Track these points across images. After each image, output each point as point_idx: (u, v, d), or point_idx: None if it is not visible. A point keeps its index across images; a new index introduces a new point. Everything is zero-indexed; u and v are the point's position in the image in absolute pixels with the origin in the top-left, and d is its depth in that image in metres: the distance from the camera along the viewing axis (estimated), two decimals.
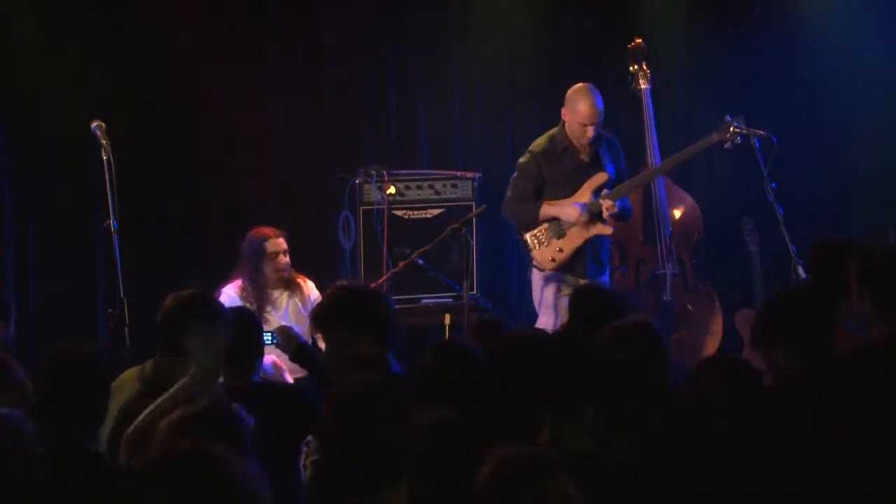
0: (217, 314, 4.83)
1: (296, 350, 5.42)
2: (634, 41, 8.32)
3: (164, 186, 8.42)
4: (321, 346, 5.48)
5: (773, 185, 7.40)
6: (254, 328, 5.17)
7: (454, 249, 7.96)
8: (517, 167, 7.62)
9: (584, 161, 7.53)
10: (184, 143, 8.52)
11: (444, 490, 3.45)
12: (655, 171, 8.03)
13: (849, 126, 9.20)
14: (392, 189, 8.11)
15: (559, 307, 7.45)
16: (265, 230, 7.43)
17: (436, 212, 8.20)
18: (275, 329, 5.63)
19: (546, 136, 7.59)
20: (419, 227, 8.06)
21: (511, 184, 7.62)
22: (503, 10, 9.13)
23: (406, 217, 8.17)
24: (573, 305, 5.37)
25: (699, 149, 7.79)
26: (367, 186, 8.11)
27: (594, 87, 7.46)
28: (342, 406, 3.64)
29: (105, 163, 6.56)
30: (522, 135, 8.81)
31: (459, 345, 4.59)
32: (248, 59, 8.71)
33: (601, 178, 7.48)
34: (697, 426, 3.43)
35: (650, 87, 8.23)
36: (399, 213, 8.16)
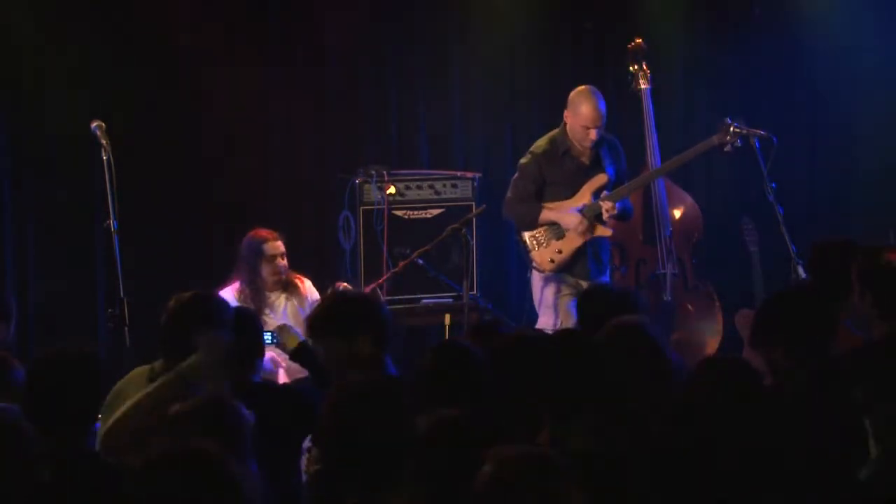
0: (220, 315, 4.83)
1: (295, 349, 5.43)
2: (634, 41, 8.32)
3: (164, 186, 8.42)
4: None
5: (773, 185, 7.40)
6: (254, 328, 5.17)
7: (454, 249, 7.96)
8: (518, 168, 7.62)
9: (585, 163, 7.52)
10: (184, 143, 8.51)
11: (448, 489, 3.44)
12: (655, 174, 8.03)
13: (849, 126, 9.19)
14: (392, 189, 8.11)
15: (559, 307, 7.46)
16: (263, 232, 7.39)
17: (436, 212, 8.20)
18: (275, 328, 5.64)
19: (547, 138, 7.59)
20: (419, 227, 8.06)
21: (512, 184, 7.61)
22: (503, 10, 9.13)
23: (406, 217, 8.17)
24: (582, 307, 5.34)
25: (699, 151, 7.79)
26: (367, 186, 8.11)
27: (597, 90, 7.45)
28: (342, 406, 3.64)
29: (105, 163, 6.56)
30: (522, 135, 8.82)
31: (459, 345, 4.59)
32: (248, 59, 8.71)
33: (601, 180, 7.48)
34: (697, 426, 3.42)
35: (650, 87, 8.23)
36: (399, 213, 8.16)
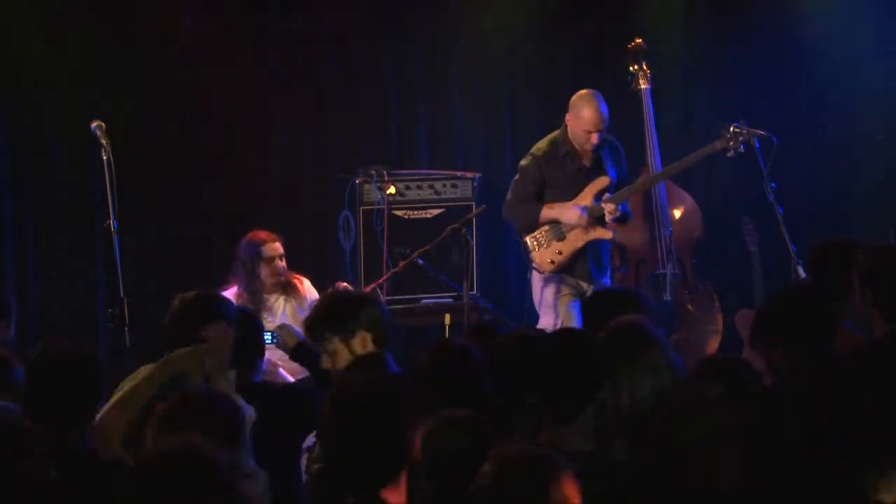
0: (225, 314, 4.84)
1: (295, 348, 5.42)
2: (634, 41, 8.32)
3: (164, 186, 8.42)
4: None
5: (773, 185, 7.40)
6: (255, 328, 5.18)
7: (454, 249, 7.96)
8: (518, 169, 7.61)
9: (586, 165, 7.51)
10: (184, 144, 8.51)
11: (452, 488, 3.44)
12: (657, 178, 8.02)
13: (849, 126, 9.19)
14: (392, 189, 8.11)
15: (559, 307, 7.46)
16: (261, 234, 7.36)
17: (436, 212, 8.20)
18: (275, 327, 5.64)
19: (548, 140, 7.58)
20: (419, 227, 8.06)
21: (512, 186, 7.60)
22: (503, 10, 9.13)
23: (406, 217, 8.17)
24: (587, 309, 5.27)
25: (701, 156, 7.77)
26: (367, 186, 8.11)
27: (599, 94, 7.44)
28: (342, 406, 3.64)
29: (105, 163, 6.55)
30: (522, 135, 8.82)
31: (455, 345, 4.59)
32: (248, 59, 8.71)
33: (603, 182, 7.47)
34: (697, 426, 3.42)
35: (650, 87, 8.22)
36: (399, 213, 8.16)
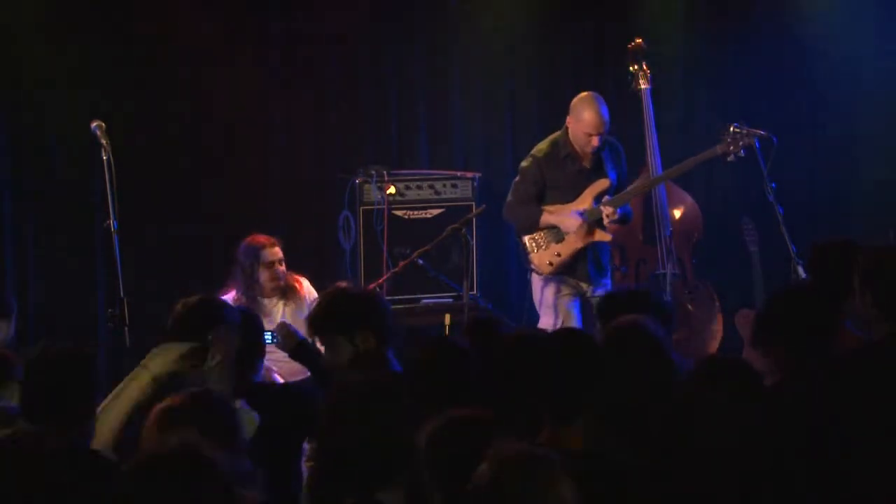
0: (228, 319, 4.84)
1: (295, 347, 5.42)
2: (634, 41, 8.31)
3: (164, 186, 8.42)
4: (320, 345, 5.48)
5: (773, 185, 7.39)
6: (255, 328, 5.17)
7: (454, 249, 7.96)
8: (519, 171, 7.61)
9: (587, 167, 7.51)
10: (184, 144, 8.51)
11: (454, 488, 3.44)
12: (656, 181, 8.02)
13: (849, 126, 9.19)
14: (392, 189, 8.11)
15: (559, 308, 7.46)
16: (260, 238, 7.31)
17: (436, 212, 8.20)
18: (275, 327, 5.63)
19: (549, 141, 7.57)
20: (419, 227, 8.06)
21: (512, 187, 7.60)
22: (503, 10, 9.13)
23: (406, 217, 8.17)
24: (602, 312, 5.21)
25: (701, 160, 7.76)
26: (367, 186, 8.11)
27: (599, 96, 7.44)
28: (341, 406, 3.64)
29: (105, 163, 6.55)
30: (522, 135, 8.82)
31: (447, 341, 4.58)
32: (248, 59, 8.71)
33: (603, 185, 7.47)
34: (697, 426, 3.42)
35: (650, 87, 8.22)
36: (399, 213, 8.16)
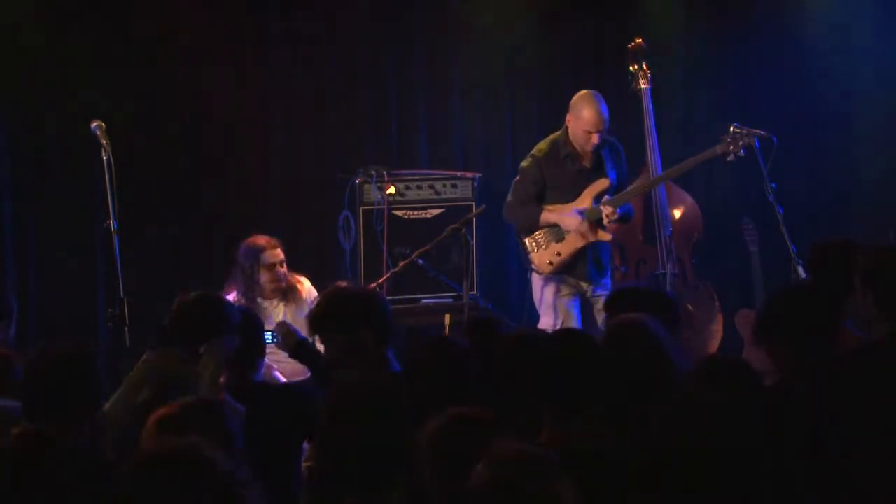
0: (226, 318, 4.85)
1: (295, 347, 5.42)
2: (634, 41, 8.31)
3: (164, 186, 8.42)
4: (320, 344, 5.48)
5: (773, 185, 7.39)
6: (255, 328, 5.18)
7: (454, 249, 7.95)
8: (519, 170, 7.61)
9: (587, 166, 7.50)
10: (184, 144, 8.51)
11: (456, 487, 3.44)
12: (656, 181, 8.01)
13: (849, 126, 9.18)
14: (392, 189, 8.11)
15: (558, 307, 7.46)
16: (261, 240, 7.28)
17: (436, 212, 8.20)
18: (274, 326, 5.64)
19: (548, 140, 7.57)
20: (419, 227, 8.06)
21: (513, 187, 7.60)
22: (503, 10, 9.12)
23: (406, 217, 8.17)
24: (610, 307, 5.15)
25: (701, 160, 7.76)
26: (367, 186, 8.11)
27: (599, 94, 7.43)
28: (341, 406, 3.64)
29: (105, 163, 6.56)
30: (522, 135, 8.82)
31: (442, 340, 4.58)
32: (248, 59, 8.71)
33: (602, 185, 7.47)
34: (697, 426, 3.42)
35: (650, 87, 8.22)
36: (399, 213, 8.16)
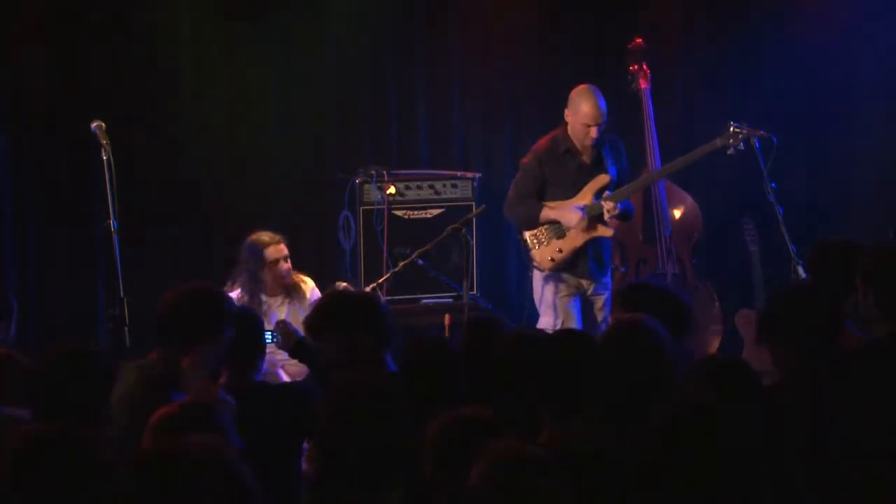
0: (222, 311, 4.84)
1: (294, 346, 5.42)
2: (634, 41, 8.32)
3: (164, 186, 8.42)
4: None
5: (773, 185, 7.39)
6: (255, 328, 5.17)
7: (454, 249, 7.95)
8: (519, 167, 7.62)
9: (587, 163, 7.51)
10: (184, 143, 8.51)
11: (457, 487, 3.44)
12: (657, 175, 8.02)
13: (849, 126, 9.18)
14: (392, 189, 8.11)
15: (559, 307, 7.45)
16: (264, 237, 7.30)
17: (436, 212, 8.20)
18: (273, 326, 5.64)
19: (548, 137, 7.57)
20: (419, 227, 8.05)
21: (513, 184, 7.60)
22: (503, 11, 9.12)
23: (406, 217, 8.17)
24: (625, 304, 5.08)
25: (701, 154, 7.76)
26: (367, 186, 8.10)
27: (597, 88, 7.44)
28: (341, 406, 3.64)
29: (105, 163, 6.55)
30: (522, 135, 8.82)
31: (432, 339, 4.58)
32: (249, 59, 8.71)
33: (603, 180, 7.47)
34: (697, 426, 3.42)
35: (650, 87, 8.23)
36: (399, 213, 8.15)
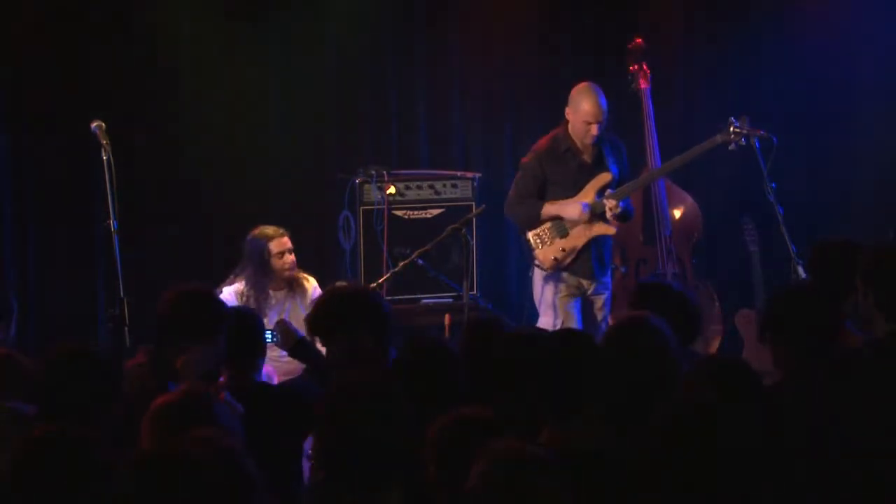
0: (222, 311, 4.84)
1: (294, 345, 5.41)
2: (634, 41, 8.32)
3: (164, 186, 8.42)
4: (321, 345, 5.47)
5: (773, 185, 7.39)
6: (255, 328, 5.16)
7: (454, 249, 7.95)
8: (520, 166, 7.61)
9: (587, 162, 7.51)
10: (184, 143, 8.51)
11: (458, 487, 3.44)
12: (658, 173, 8.02)
13: (849, 126, 9.18)
14: (392, 189, 8.11)
15: (559, 307, 7.45)
16: (268, 230, 7.31)
17: (436, 212, 8.20)
18: (273, 325, 5.63)
19: (549, 136, 7.57)
20: (419, 227, 8.05)
21: (514, 184, 7.60)
22: (503, 10, 9.12)
23: (406, 217, 8.17)
24: (640, 302, 5.04)
25: (702, 150, 7.76)
26: (367, 186, 8.10)
27: (597, 86, 7.44)
28: (341, 405, 3.64)
29: (105, 163, 6.55)
30: (522, 135, 8.82)
31: (429, 339, 4.58)
32: (248, 59, 8.71)
33: (605, 179, 7.47)
34: (697, 426, 3.42)
35: (650, 87, 8.23)
36: (399, 213, 8.15)
